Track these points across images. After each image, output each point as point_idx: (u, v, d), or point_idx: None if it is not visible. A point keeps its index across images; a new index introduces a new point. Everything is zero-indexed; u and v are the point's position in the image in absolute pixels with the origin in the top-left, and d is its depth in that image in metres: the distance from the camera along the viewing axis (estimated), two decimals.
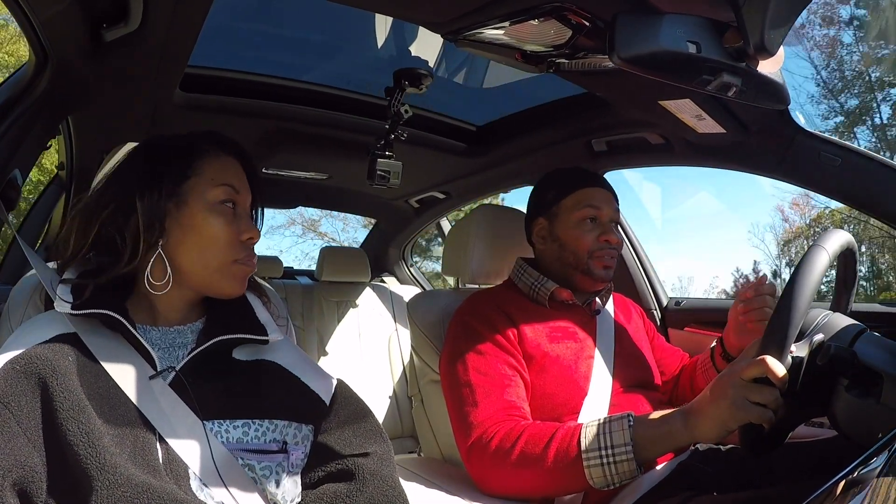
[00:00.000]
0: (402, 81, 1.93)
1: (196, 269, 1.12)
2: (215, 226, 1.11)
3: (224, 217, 1.13)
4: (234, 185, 1.15)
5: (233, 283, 1.15)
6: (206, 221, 1.11)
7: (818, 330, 1.21)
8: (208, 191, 1.12)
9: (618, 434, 1.26)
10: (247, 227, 1.15)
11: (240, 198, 1.17)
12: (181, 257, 1.11)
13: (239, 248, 1.14)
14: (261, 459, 1.03)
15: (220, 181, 1.13)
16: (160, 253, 1.09)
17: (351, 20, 1.93)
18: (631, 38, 1.04)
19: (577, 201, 1.73)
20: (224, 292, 1.15)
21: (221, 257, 1.12)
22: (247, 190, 1.19)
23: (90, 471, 0.88)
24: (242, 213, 1.17)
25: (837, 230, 1.19)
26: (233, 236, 1.13)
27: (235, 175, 1.17)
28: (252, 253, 1.17)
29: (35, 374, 0.94)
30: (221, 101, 2.00)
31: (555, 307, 1.72)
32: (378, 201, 3.41)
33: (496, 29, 1.29)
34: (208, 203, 1.12)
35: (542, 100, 2.22)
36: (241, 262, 1.14)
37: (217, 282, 1.13)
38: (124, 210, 1.08)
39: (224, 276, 1.13)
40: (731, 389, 1.13)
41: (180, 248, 1.11)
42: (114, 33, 1.41)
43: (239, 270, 1.14)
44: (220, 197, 1.13)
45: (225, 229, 1.12)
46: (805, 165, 1.69)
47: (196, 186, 1.12)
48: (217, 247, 1.12)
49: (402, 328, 3.15)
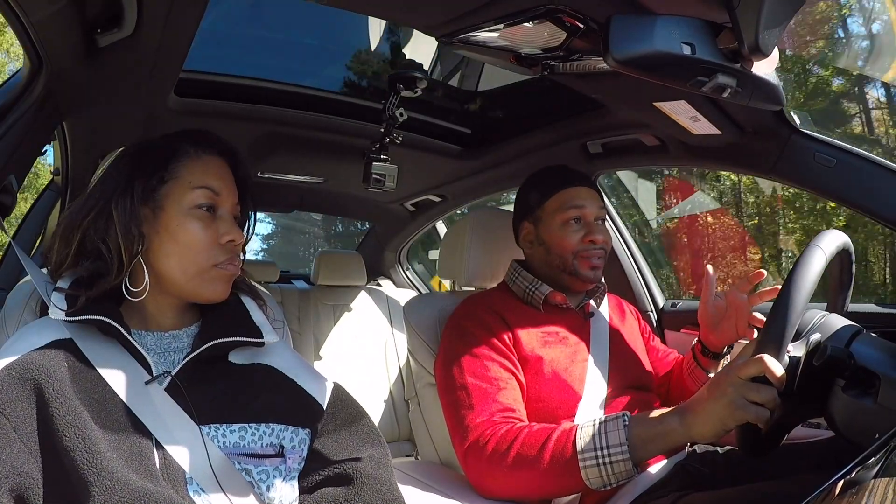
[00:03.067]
0: (397, 84, 1.92)
1: (175, 275, 1.10)
2: (191, 231, 1.10)
3: (201, 221, 1.11)
4: (213, 187, 1.13)
5: (213, 288, 1.13)
6: (182, 227, 1.10)
7: (815, 330, 1.21)
8: (184, 195, 1.11)
9: (613, 434, 1.26)
10: (227, 230, 1.13)
11: (220, 199, 1.14)
12: (160, 264, 1.10)
13: (218, 251, 1.12)
14: (258, 464, 1.03)
15: (196, 184, 1.12)
16: (139, 260, 1.08)
17: (345, 24, 1.93)
18: (625, 39, 1.03)
19: (560, 203, 1.73)
20: (206, 297, 1.13)
21: (200, 262, 1.10)
22: (230, 191, 1.17)
23: (87, 476, 0.88)
24: (224, 216, 1.15)
25: (834, 230, 1.20)
26: (211, 240, 1.11)
27: (216, 176, 1.15)
28: (234, 256, 1.15)
29: (31, 379, 0.94)
30: (216, 106, 1.99)
31: (549, 310, 1.72)
32: (373, 205, 3.41)
33: (490, 31, 1.29)
34: (184, 208, 1.10)
35: (536, 102, 2.22)
36: (220, 266, 1.12)
37: (197, 287, 1.12)
38: (104, 218, 1.07)
39: (204, 281, 1.12)
40: (728, 388, 1.13)
41: (159, 254, 1.10)
42: (108, 38, 1.41)
43: (219, 275, 1.12)
44: (197, 200, 1.11)
45: (201, 234, 1.10)
46: (800, 166, 1.69)
47: (173, 191, 1.11)
48: (194, 251, 1.10)
49: (398, 331, 3.15)
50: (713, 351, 1.68)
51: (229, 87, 2.01)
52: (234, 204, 1.18)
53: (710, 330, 1.65)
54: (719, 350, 1.67)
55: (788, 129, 1.67)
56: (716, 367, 1.70)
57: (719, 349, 1.67)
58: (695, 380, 1.72)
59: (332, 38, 2.05)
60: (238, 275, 1.18)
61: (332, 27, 1.97)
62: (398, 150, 2.17)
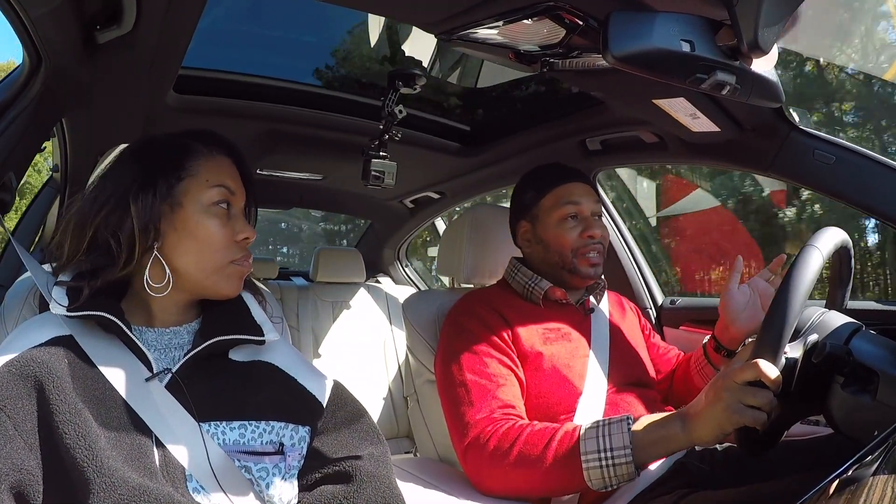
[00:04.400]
0: (396, 82, 1.93)
1: (192, 271, 1.12)
2: (210, 228, 1.11)
3: (219, 219, 1.12)
4: (229, 186, 1.15)
5: (230, 284, 1.14)
6: (201, 224, 1.11)
7: (813, 328, 1.21)
8: (203, 192, 1.12)
9: (617, 437, 1.26)
10: (242, 228, 1.15)
11: (234, 198, 1.16)
12: (177, 260, 1.11)
13: (235, 248, 1.14)
14: (257, 461, 1.03)
15: (214, 182, 1.13)
16: (157, 255, 1.09)
17: (344, 21, 1.93)
18: (624, 36, 1.03)
19: (556, 200, 1.73)
20: (221, 293, 1.15)
21: (218, 259, 1.12)
22: (241, 190, 1.19)
23: (87, 473, 0.88)
24: (237, 214, 1.17)
25: (831, 228, 1.19)
26: (228, 238, 1.13)
27: (230, 175, 1.17)
28: (248, 253, 1.17)
29: (31, 376, 0.94)
30: (215, 103, 1.99)
31: (549, 306, 1.73)
32: (372, 202, 3.41)
33: (490, 28, 1.29)
34: (203, 205, 1.12)
35: (535, 99, 2.22)
36: (237, 262, 1.14)
37: (214, 284, 1.13)
38: (119, 213, 1.07)
39: (221, 277, 1.13)
40: (725, 393, 1.13)
41: (176, 250, 1.11)
42: (107, 35, 1.41)
43: (235, 271, 1.14)
44: (215, 198, 1.13)
45: (220, 231, 1.12)
46: (799, 163, 1.69)
47: (190, 188, 1.12)
48: (213, 249, 1.11)
49: (397, 329, 3.15)
50: (728, 348, 1.67)
51: (228, 84, 2.01)
52: (244, 202, 1.20)
53: (732, 321, 1.63)
54: (734, 347, 1.67)
55: (787, 127, 1.68)
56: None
57: (735, 346, 1.67)
58: (703, 377, 1.72)
59: (331, 35, 2.04)
60: (250, 271, 1.19)
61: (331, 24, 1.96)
62: (397, 147, 2.17)
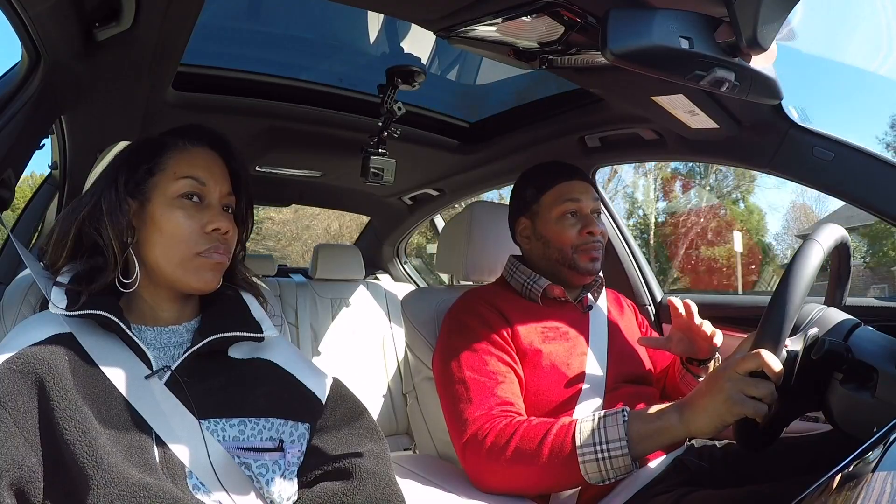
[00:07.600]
0: (395, 79, 1.93)
1: (161, 264, 1.11)
2: (174, 220, 1.10)
3: (184, 210, 1.11)
4: (199, 177, 1.13)
5: (199, 277, 1.12)
6: (165, 216, 1.10)
7: (813, 324, 1.22)
8: (169, 186, 1.12)
9: (612, 429, 1.26)
10: (212, 218, 1.13)
11: (206, 189, 1.14)
12: (148, 255, 1.11)
13: (201, 240, 1.12)
14: (257, 458, 1.03)
15: (181, 174, 1.13)
16: (130, 252, 1.10)
17: (343, 18, 1.93)
18: (623, 33, 1.03)
19: (556, 197, 1.73)
20: (191, 286, 1.13)
21: (182, 251, 1.10)
22: (217, 180, 1.16)
23: (87, 470, 0.88)
24: (211, 205, 1.15)
25: (831, 224, 1.19)
26: (194, 229, 1.11)
27: (203, 166, 1.15)
28: (219, 244, 1.14)
29: (31, 373, 0.94)
30: (214, 100, 1.99)
31: (547, 304, 1.73)
32: (371, 199, 3.41)
33: (489, 26, 1.29)
34: (168, 198, 1.11)
35: (534, 96, 2.22)
36: (204, 254, 1.12)
37: (182, 277, 1.12)
38: (97, 214, 1.09)
39: (188, 270, 1.11)
40: (726, 383, 1.13)
41: (147, 245, 1.11)
42: (106, 32, 1.41)
43: (203, 263, 1.12)
44: (182, 190, 1.12)
45: (186, 223, 1.11)
46: (798, 160, 1.69)
47: (159, 183, 1.12)
48: (177, 241, 1.10)
49: (396, 325, 3.14)
50: (698, 359, 1.68)
51: (228, 82, 2.00)
52: (224, 194, 1.18)
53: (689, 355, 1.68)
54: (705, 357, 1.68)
55: (786, 124, 1.67)
56: (706, 371, 1.70)
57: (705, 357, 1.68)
58: (686, 384, 1.73)
59: (330, 32, 2.04)
60: (226, 264, 1.17)
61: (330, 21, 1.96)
62: (396, 144, 2.17)
